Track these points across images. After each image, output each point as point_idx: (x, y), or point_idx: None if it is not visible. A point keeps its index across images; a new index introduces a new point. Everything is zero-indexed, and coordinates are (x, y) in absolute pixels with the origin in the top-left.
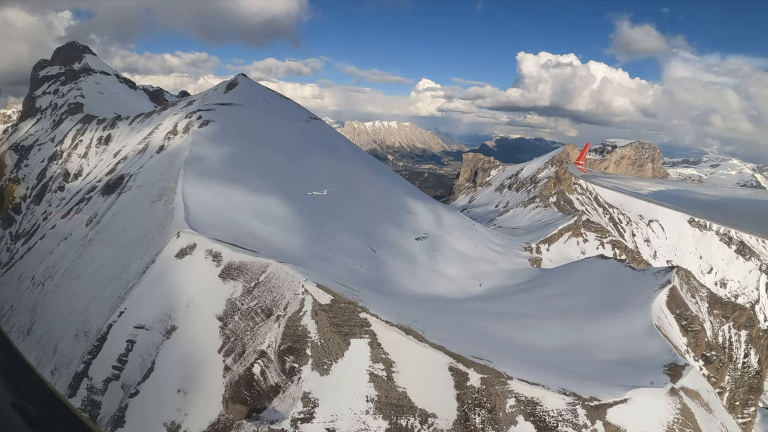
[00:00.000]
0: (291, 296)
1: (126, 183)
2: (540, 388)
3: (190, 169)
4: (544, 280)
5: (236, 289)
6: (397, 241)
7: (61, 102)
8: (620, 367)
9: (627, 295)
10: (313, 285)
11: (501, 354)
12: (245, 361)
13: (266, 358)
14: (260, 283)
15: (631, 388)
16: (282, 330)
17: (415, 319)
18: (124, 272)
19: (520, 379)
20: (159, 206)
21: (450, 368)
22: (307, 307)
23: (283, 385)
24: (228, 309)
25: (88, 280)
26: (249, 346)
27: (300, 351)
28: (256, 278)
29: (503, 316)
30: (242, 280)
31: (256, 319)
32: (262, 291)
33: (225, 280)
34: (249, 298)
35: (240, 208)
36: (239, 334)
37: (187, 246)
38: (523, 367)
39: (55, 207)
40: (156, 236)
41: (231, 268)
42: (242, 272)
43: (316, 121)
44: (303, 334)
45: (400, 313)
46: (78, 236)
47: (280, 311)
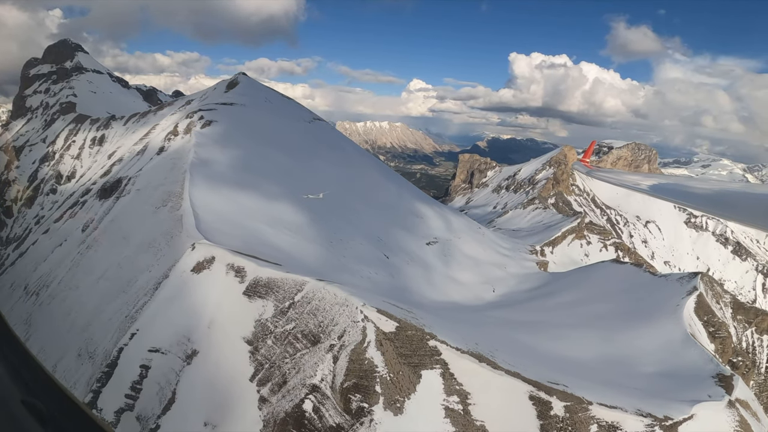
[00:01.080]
0: (348, 323)
1: (124, 186)
2: (619, 411)
3: (197, 173)
4: (559, 286)
5: (266, 309)
6: (409, 246)
7: (52, 101)
8: (668, 379)
9: (654, 302)
10: (373, 310)
11: (563, 374)
12: (291, 395)
13: (320, 393)
14: (296, 303)
15: (694, 403)
16: (344, 364)
17: (478, 342)
18: (130, 286)
19: (599, 403)
20: (164, 212)
21: (531, 397)
22: (370, 336)
23: (349, 427)
24: (258, 331)
25: (89, 292)
26: (292, 377)
27: (368, 388)
28: (290, 298)
29: (533, 326)
30: (272, 299)
31: (297, 345)
32: (301, 313)
33: (251, 299)
34: (283, 320)
35: (252, 214)
36: (275, 361)
37: (204, 259)
38: (593, 389)
39: (48, 210)
40: (164, 246)
41: (258, 285)
42: (272, 290)
43: (320, 121)
44: (370, 368)
45: (465, 337)
46: (74, 242)
47: (333, 340)
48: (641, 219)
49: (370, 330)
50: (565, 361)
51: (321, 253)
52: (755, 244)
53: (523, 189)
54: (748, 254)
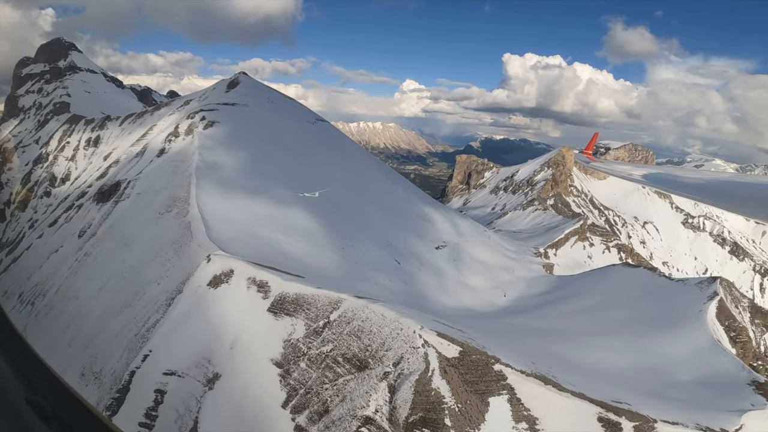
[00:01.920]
0: (405, 349)
1: (123, 190)
2: (681, 427)
3: (203, 177)
4: (571, 290)
5: (295, 328)
6: (419, 251)
7: (45, 101)
8: (706, 388)
9: (675, 307)
10: (433, 334)
11: (614, 388)
12: (339, 427)
13: (375, 426)
14: (332, 323)
15: (741, 413)
16: (408, 395)
17: (534, 361)
18: (137, 299)
19: (663, 420)
20: (169, 219)
21: (600, 419)
22: (433, 363)
23: None
24: (288, 353)
25: (90, 304)
26: (336, 406)
27: (437, 422)
28: (324, 316)
29: (558, 334)
30: (303, 317)
31: (338, 369)
32: (340, 334)
33: (278, 316)
34: (318, 341)
35: (263, 221)
36: (312, 387)
37: (221, 272)
38: (648, 403)
39: (42, 214)
40: (173, 256)
41: (284, 301)
42: (301, 307)
43: (323, 122)
44: (437, 399)
45: (521, 355)
46: (71, 248)
47: (388, 367)
48: (639, 220)
49: (432, 356)
50: (602, 373)
51: (337, 261)
52: (751, 244)
53: (521, 190)
54: (745, 254)
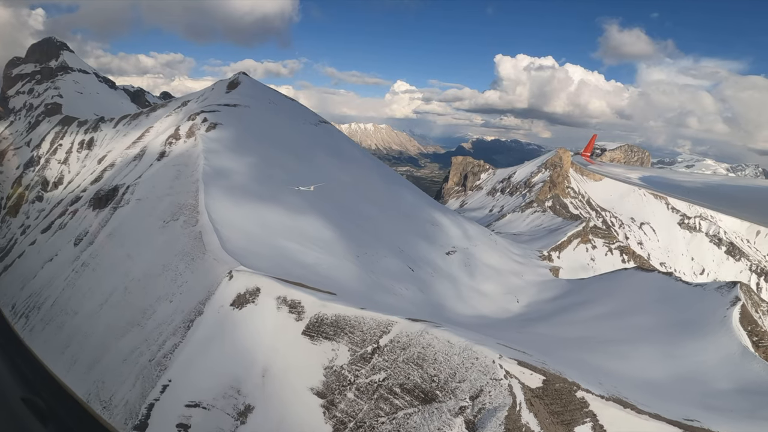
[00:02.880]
0: (484, 381)
1: (122, 195)
2: None
3: (211, 183)
4: (585, 295)
5: (337, 353)
6: (431, 257)
7: (37, 102)
8: (745, 396)
9: (698, 313)
10: (514, 363)
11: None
12: None
13: None
14: (383, 348)
15: None
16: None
17: (601, 381)
18: (146, 318)
19: None
20: (176, 228)
21: None
22: (519, 396)
23: None
24: (331, 381)
25: (91, 321)
26: None
27: None
28: (372, 341)
29: (585, 343)
30: (346, 341)
31: (396, 401)
32: (394, 361)
33: (315, 341)
34: (368, 369)
35: (278, 231)
36: (364, 420)
37: (246, 291)
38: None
39: (34, 219)
40: (185, 270)
41: (322, 323)
42: (342, 330)
43: (326, 124)
44: None
45: (589, 376)
46: (67, 257)
47: (464, 401)
48: (636, 221)
49: (516, 388)
50: (647, 385)
51: (355, 272)
52: (745, 244)
53: (519, 192)
54: (741, 254)
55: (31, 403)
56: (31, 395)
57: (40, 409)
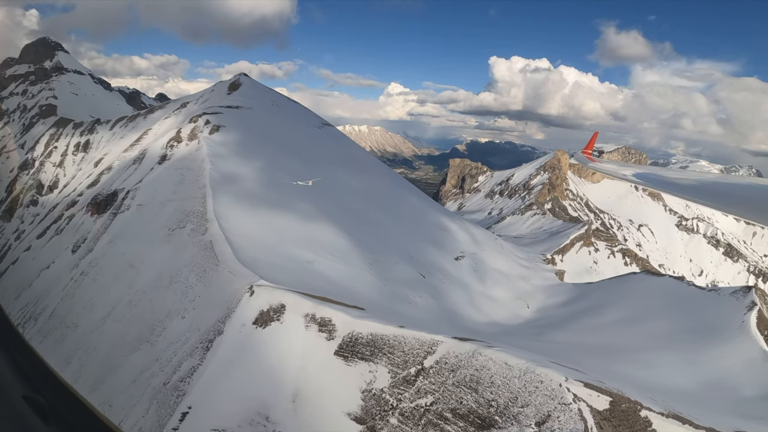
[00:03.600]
0: (552, 406)
1: (122, 200)
2: None
3: (219, 189)
4: (595, 300)
5: (376, 375)
6: (440, 262)
7: (31, 104)
8: None
9: (715, 318)
10: (580, 385)
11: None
12: None
13: None
14: (428, 370)
15: None
16: None
17: (652, 395)
18: (156, 335)
19: None
20: (183, 236)
21: None
22: (589, 420)
23: None
24: (370, 406)
25: (93, 336)
26: None
27: None
28: (416, 362)
29: (606, 351)
30: (385, 362)
31: (447, 427)
32: (442, 384)
33: (349, 362)
34: (412, 393)
35: (291, 239)
36: None
37: (269, 308)
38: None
39: (29, 224)
40: (196, 283)
41: (356, 343)
42: (381, 351)
43: (329, 127)
44: None
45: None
46: (64, 266)
47: (530, 427)
48: (634, 222)
49: (586, 412)
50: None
51: (371, 281)
52: (743, 245)
53: (518, 194)
54: (739, 256)
55: (32, 400)
56: (32, 393)
57: (41, 407)
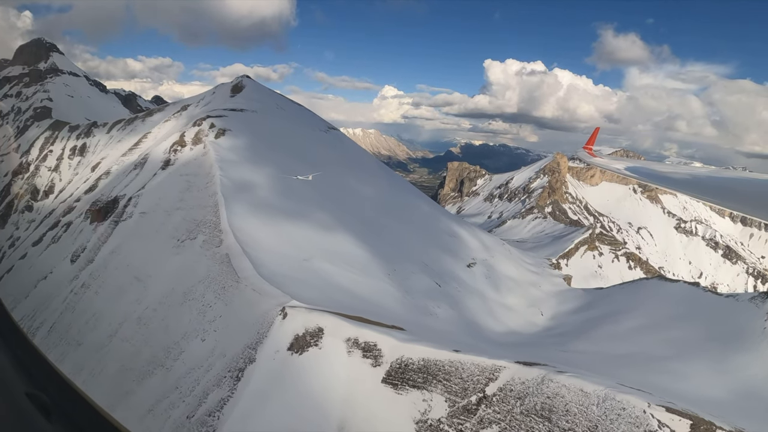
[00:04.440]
0: None
1: (123, 208)
2: None
3: (231, 197)
4: (609, 307)
5: (431, 405)
6: (454, 270)
7: (25, 106)
8: None
9: (736, 325)
10: (662, 410)
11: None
12: None
13: None
14: (492, 398)
15: None
16: None
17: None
18: (171, 359)
19: None
20: (194, 249)
21: None
22: None
23: None
24: None
25: (98, 356)
26: None
27: None
28: (476, 389)
29: (633, 360)
30: (441, 390)
31: None
32: (508, 413)
33: (400, 390)
34: (474, 423)
35: (310, 251)
36: None
37: (306, 332)
38: None
39: (24, 231)
40: (214, 301)
41: (407, 369)
42: (435, 377)
43: (334, 131)
44: None
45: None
46: (63, 276)
47: None
48: (633, 225)
49: None
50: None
51: (393, 294)
52: (740, 246)
53: (518, 198)
54: (738, 257)
55: (35, 398)
56: (35, 390)
57: (44, 405)
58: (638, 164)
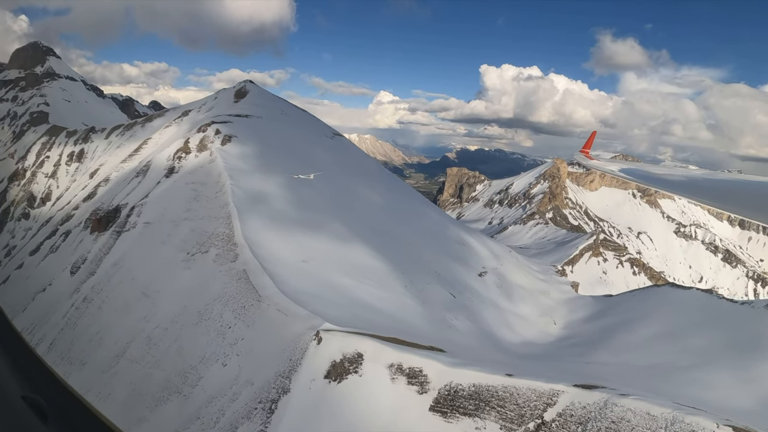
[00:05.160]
0: None
1: (126, 217)
2: None
3: (244, 208)
4: (623, 315)
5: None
6: (466, 280)
7: (21, 111)
8: None
9: (754, 332)
10: (729, 430)
11: None
12: None
13: None
14: (550, 425)
15: None
16: None
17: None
18: (189, 385)
19: None
20: (207, 263)
21: None
22: None
23: None
24: None
25: (106, 378)
26: None
27: None
28: (533, 416)
29: (660, 371)
30: (494, 417)
31: None
32: None
33: (449, 418)
34: None
35: (329, 264)
36: None
37: (343, 358)
38: None
39: (20, 239)
40: (234, 322)
41: (456, 396)
42: (488, 404)
43: (340, 137)
44: None
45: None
46: (63, 289)
47: None
48: (633, 230)
49: None
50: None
51: (414, 308)
52: (738, 250)
53: (518, 203)
54: (738, 261)
55: (31, 401)
56: (31, 393)
57: (40, 408)
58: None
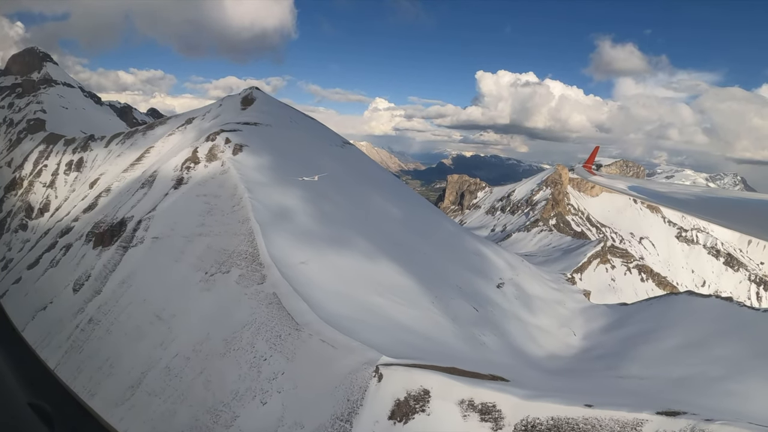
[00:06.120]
0: None
1: (133, 231)
2: None
3: (267, 223)
4: (643, 324)
5: None
6: (485, 292)
7: (18, 118)
8: None
9: None
10: None
11: None
12: None
13: None
14: None
15: None
16: None
17: None
18: (225, 426)
19: None
20: (229, 285)
21: None
22: None
23: None
24: None
25: (121, 413)
26: None
27: None
28: None
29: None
30: None
31: None
32: None
33: None
34: None
35: (358, 283)
36: None
37: (408, 395)
38: None
39: (17, 252)
40: (269, 353)
41: (534, 431)
42: None
43: (349, 146)
44: None
45: None
46: (65, 308)
47: None
48: (635, 236)
49: None
50: None
51: (445, 326)
52: (738, 253)
53: (521, 210)
54: (740, 265)
55: (37, 408)
56: (37, 400)
57: (47, 415)
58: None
